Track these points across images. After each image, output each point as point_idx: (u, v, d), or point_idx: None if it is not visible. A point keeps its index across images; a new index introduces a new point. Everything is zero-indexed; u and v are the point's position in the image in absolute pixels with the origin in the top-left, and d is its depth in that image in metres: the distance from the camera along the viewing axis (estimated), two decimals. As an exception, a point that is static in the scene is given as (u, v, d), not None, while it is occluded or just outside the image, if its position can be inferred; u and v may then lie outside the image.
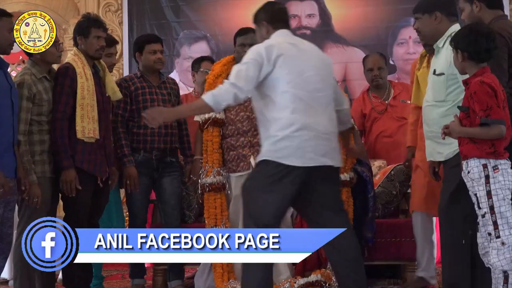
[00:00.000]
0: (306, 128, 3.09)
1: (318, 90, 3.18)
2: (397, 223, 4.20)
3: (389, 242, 4.14)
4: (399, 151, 4.60)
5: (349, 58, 5.86)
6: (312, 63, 3.23)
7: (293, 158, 3.07)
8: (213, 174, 3.93)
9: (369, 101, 4.83)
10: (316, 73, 3.20)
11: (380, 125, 4.78)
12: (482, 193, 2.95)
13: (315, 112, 3.14)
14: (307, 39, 5.83)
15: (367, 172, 3.97)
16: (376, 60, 4.81)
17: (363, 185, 3.97)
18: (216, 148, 3.98)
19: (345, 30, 5.88)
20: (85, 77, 3.70)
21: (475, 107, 2.97)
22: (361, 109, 4.84)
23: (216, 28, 6.11)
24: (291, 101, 3.12)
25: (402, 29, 5.79)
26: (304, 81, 3.16)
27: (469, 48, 3.03)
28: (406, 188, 4.30)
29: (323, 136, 3.13)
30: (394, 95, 4.79)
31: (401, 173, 4.28)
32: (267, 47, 3.20)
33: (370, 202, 3.95)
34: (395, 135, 4.70)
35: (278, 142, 3.10)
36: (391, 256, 4.15)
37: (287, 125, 3.09)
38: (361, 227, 3.92)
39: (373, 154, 4.74)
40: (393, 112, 4.76)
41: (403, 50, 5.53)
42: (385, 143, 4.74)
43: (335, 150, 3.21)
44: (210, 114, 3.97)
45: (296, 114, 3.10)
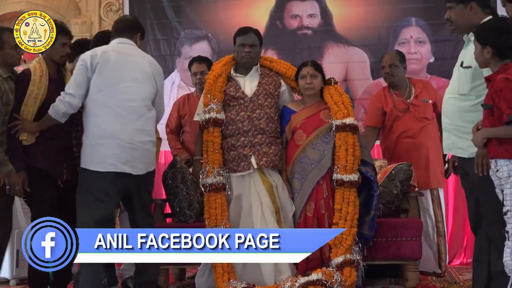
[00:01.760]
0: (109, 136, 3.45)
1: (131, 100, 3.49)
2: (398, 222, 4.19)
3: (390, 241, 4.12)
4: (420, 153, 4.58)
5: (350, 58, 5.84)
6: (132, 75, 3.54)
7: (96, 164, 3.45)
8: (213, 175, 3.93)
9: (391, 98, 4.71)
10: (134, 85, 3.51)
11: (401, 124, 4.65)
12: (509, 191, 2.91)
13: (122, 121, 3.45)
14: (308, 39, 5.97)
15: (371, 172, 3.98)
16: (389, 58, 4.72)
17: (365, 185, 3.97)
18: (216, 148, 3.98)
19: (346, 30, 5.86)
20: (38, 85, 3.68)
21: (501, 104, 2.90)
22: (382, 106, 4.72)
23: (217, 27, 6.10)
24: (98, 108, 3.45)
25: (403, 28, 5.77)
26: (117, 90, 3.47)
27: (498, 45, 2.97)
28: (407, 187, 4.29)
29: (126, 145, 3.47)
30: (415, 94, 4.69)
31: (402, 172, 4.26)
32: (93, 53, 3.52)
33: (374, 200, 3.95)
34: (417, 136, 4.61)
35: (85, 148, 3.50)
36: (391, 255, 4.13)
37: (91, 132, 3.48)
38: (362, 226, 3.92)
39: (392, 155, 4.69)
40: (415, 111, 4.65)
41: (404, 50, 5.47)
42: (406, 143, 4.63)
43: (139, 159, 3.52)
44: (210, 114, 3.99)
45: (100, 121, 3.44)
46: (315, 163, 3.96)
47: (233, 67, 4.18)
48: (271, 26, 5.95)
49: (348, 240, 3.83)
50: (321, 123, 4.04)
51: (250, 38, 4.09)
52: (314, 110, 4.08)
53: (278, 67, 4.20)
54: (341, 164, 3.91)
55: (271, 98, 4.07)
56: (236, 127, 4.00)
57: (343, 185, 3.89)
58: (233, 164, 3.98)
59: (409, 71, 5.35)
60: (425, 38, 5.73)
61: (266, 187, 3.95)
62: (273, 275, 3.83)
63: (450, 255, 5.48)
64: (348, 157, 3.92)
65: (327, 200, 3.95)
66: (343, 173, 3.90)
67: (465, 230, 5.53)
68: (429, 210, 4.60)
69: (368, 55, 5.79)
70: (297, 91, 4.25)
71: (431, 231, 4.56)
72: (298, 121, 4.05)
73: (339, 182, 3.90)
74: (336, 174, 3.92)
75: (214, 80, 4.06)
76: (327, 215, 3.93)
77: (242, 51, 4.08)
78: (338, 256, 3.80)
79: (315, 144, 4.00)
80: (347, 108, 4.01)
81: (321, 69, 4.13)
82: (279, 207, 3.94)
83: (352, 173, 3.90)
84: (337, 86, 4.15)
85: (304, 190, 3.95)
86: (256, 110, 4.02)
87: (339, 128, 3.96)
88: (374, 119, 4.76)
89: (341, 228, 3.79)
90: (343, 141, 3.94)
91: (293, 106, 4.13)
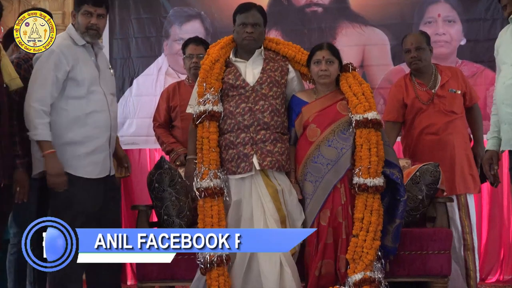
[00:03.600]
0: None
1: None
2: (424, 233, 4.19)
3: (414, 255, 4.13)
4: (445, 152, 4.60)
5: (367, 40, 5.82)
6: None
7: None
8: (209, 177, 3.92)
9: (412, 88, 4.74)
10: None
11: (424, 119, 4.69)
12: None
13: None
14: (318, 18, 5.95)
15: (397, 174, 3.97)
16: (414, 39, 4.74)
17: (389, 189, 3.97)
18: (213, 146, 3.97)
19: (363, 7, 5.84)
20: None
21: None
22: (402, 97, 4.75)
23: (211, 4, 6.07)
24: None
25: (429, 5, 5.75)
26: None
27: None
28: (433, 192, 4.29)
29: None
30: (441, 83, 4.71)
31: (428, 174, 4.26)
32: None
33: (401, 207, 3.95)
34: (442, 132, 4.65)
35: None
36: (416, 271, 4.13)
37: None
38: (384, 237, 3.92)
39: (413, 153, 4.71)
40: (440, 104, 4.67)
41: (431, 31, 5.47)
42: (429, 140, 4.67)
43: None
44: (205, 106, 3.98)
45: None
46: (331, 163, 3.96)
47: (232, 51, 4.17)
48: (275, 2, 5.93)
49: (369, 254, 3.82)
50: (338, 116, 4.03)
51: (252, 16, 4.07)
52: (330, 101, 4.08)
53: (286, 50, 4.19)
54: (364, 166, 3.91)
55: (276, 87, 4.06)
56: (236, 121, 3.99)
57: (366, 191, 3.89)
58: (232, 165, 3.97)
59: (437, 55, 5.36)
60: (455, 16, 5.71)
61: (270, 192, 3.94)
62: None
63: (485, 271, 5.50)
64: (372, 158, 3.91)
65: (345, 207, 3.95)
66: (367, 176, 3.89)
67: (502, 242, 5.55)
68: (455, 220, 4.64)
69: (389, 37, 5.77)
70: (308, 79, 4.25)
71: (457, 243, 4.59)
72: (311, 114, 4.04)
73: (362, 187, 3.89)
74: (358, 177, 3.91)
75: (211, 66, 4.05)
76: (345, 225, 3.93)
77: (243, 31, 4.06)
78: (356, 273, 3.80)
79: (331, 141, 3.99)
80: (368, 100, 4.01)
81: (338, 54, 4.12)
82: (285, 216, 3.94)
83: (376, 176, 3.90)
84: (355, 73, 4.15)
85: (318, 195, 3.95)
86: (259, 102, 4.01)
87: (360, 124, 3.96)
88: (394, 113, 4.78)
89: (361, 240, 3.81)
90: (365, 139, 3.94)
91: (304, 96, 4.13)
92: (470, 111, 4.83)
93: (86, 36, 4.02)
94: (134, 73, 6.04)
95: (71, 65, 3.92)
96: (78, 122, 3.95)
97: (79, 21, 4.01)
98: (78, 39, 4.00)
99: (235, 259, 3.94)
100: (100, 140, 4.02)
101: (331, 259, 3.91)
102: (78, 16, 4.02)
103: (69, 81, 3.92)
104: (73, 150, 3.92)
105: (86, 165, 3.96)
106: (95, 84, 4.02)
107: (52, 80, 3.87)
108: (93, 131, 3.98)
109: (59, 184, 3.86)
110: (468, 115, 4.81)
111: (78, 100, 3.95)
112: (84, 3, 4.00)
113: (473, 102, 4.81)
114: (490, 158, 4.00)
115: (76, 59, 3.95)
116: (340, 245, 3.91)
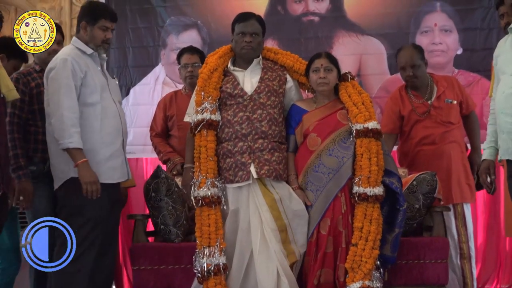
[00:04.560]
0: None
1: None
2: (421, 242, 4.20)
3: (411, 264, 4.14)
4: (442, 161, 4.60)
5: (364, 49, 5.83)
6: None
7: None
8: (206, 186, 3.92)
9: (408, 100, 4.76)
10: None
11: (421, 129, 4.71)
12: None
13: None
14: (315, 27, 5.96)
15: (396, 183, 3.98)
16: (408, 57, 4.72)
17: (388, 198, 3.98)
18: (210, 155, 3.97)
19: (360, 17, 5.85)
20: None
21: None
22: (399, 109, 4.77)
23: (208, 14, 6.07)
24: None
25: (426, 15, 5.77)
26: None
27: None
28: (430, 201, 4.30)
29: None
30: (438, 94, 4.72)
31: (425, 183, 4.28)
32: None
33: (400, 216, 3.96)
34: (439, 142, 4.67)
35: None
36: (413, 280, 4.14)
37: None
38: (383, 246, 3.93)
39: (410, 163, 4.71)
40: (437, 115, 4.69)
41: (427, 40, 5.51)
42: (425, 151, 4.69)
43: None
44: (203, 115, 3.98)
45: None
46: (332, 172, 3.97)
47: (230, 60, 4.18)
48: (272, 11, 5.93)
49: (368, 263, 3.82)
50: (338, 126, 4.04)
51: (251, 25, 4.09)
52: (330, 110, 4.09)
53: (284, 60, 4.21)
54: (364, 175, 3.91)
55: (274, 96, 4.08)
56: (234, 130, 3.99)
57: (366, 200, 3.89)
58: (229, 174, 3.97)
59: (433, 65, 5.37)
60: (451, 26, 5.71)
61: (267, 201, 3.94)
62: None
63: (482, 280, 5.49)
64: (372, 167, 3.92)
65: (346, 216, 3.95)
66: (367, 185, 3.90)
67: (499, 251, 5.55)
68: (451, 228, 4.63)
69: (385, 46, 5.77)
70: (307, 88, 4.26)
71: (453, 252, 4.59)
72: (311, 123, 4.05)
73: (362, 196, 3.89)
74: (358, 187, 3.92)
75: (209, 75, 4.05)
76: (345, 234, 3.93)
77: (242, 40, 4.08)
78: (355, 281, 3.79)
79: (332, 150, 4.00)
80: (368, 110, 4.03)
81: (336, 62, 4.14)
82: (285, 225, 3.93)
83: (376, 185, 3.90)
84: (354, 83, 4.17)
85: (319, 204, 3.95)
86: (257, 111, 4.02)
87: (361, 134, 3.97)
88: (391, 125, 4.80)
89: (360, 249, 3.82)
90: (365, 149, 3.95)
91: (304, 105, 4.14)
92: (468, 119, 4.84)
93: (100, 49, 4.04)
94: (130, 82, 6.03)
95: (84, 72, 3.91)
96: (93, 128, 3.93)
97: (94, 34, 4.00)
98: (85, 48, 4.00)
99: (232, 268, 3.94)
100: (115, 145, 4.00)
101: (330, 268, 3.91)
102: (94, 30, 4.00)
103: (83, 88, 3.91)
104: (92, 157, 3.86)
105: (106, 170, 3.93)
106: (105, 91, 4.02)
107: (74, 87, 3.87)
108: (108, 137, 3.96)
109: (94, 192, 3.81)
110: (465, 123, 4.83)
111: (93, 106, 3.93)
112: (102, 17, 4.00)
113: (470, 110, 4.83)
114: (487, 168, 4.01)
115: (87, 66, 3.96)
116: (340, 254, 3.91)
